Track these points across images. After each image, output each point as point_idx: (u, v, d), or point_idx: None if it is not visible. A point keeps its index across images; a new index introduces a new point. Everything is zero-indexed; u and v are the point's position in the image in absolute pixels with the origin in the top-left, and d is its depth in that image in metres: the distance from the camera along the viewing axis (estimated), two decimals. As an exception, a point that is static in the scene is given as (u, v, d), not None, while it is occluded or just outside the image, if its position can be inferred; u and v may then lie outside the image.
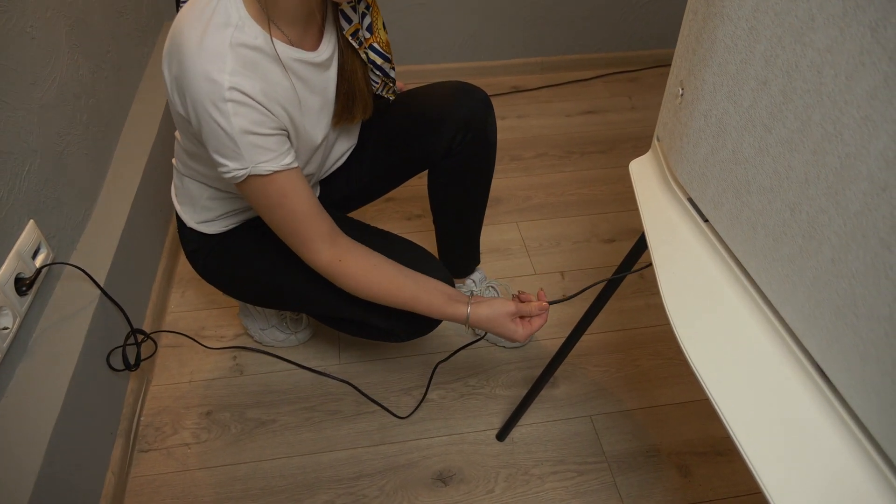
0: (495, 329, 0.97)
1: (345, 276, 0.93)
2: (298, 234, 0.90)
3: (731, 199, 0.64)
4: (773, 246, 0.57)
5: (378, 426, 1.24)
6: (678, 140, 0.74)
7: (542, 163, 1.92)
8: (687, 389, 1.32)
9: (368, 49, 0.96)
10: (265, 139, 0.82)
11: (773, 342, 0.59)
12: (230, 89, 0.77)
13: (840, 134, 0.48)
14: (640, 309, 1.48)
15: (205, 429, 1.24)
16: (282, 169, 0.84)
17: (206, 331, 1.41)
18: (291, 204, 0.87)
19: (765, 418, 0.56)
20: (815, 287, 0.52)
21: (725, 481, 1.17)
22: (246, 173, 0.82)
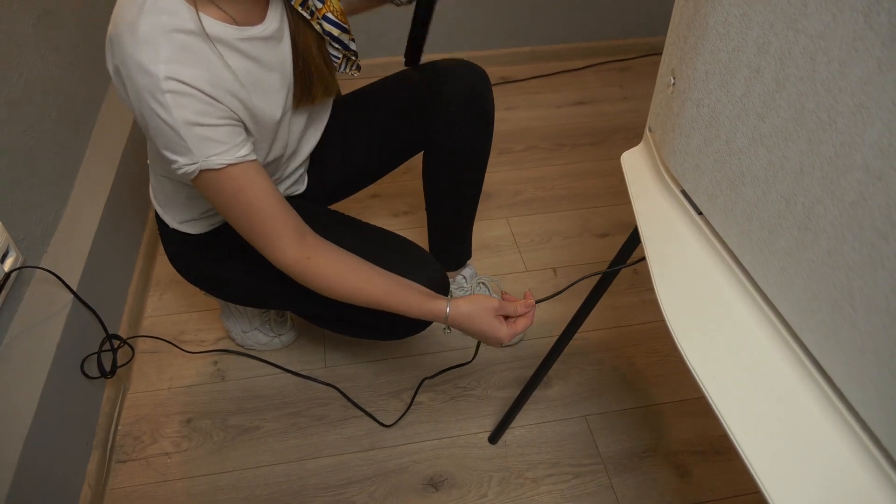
0: (477, 326, 0.93)
1: (314, 275, 0.90)
2: (261, 233, 0.87)
3: (726, 190, 0.64)
4: (769, 238, 0.58)
5: (366, 431, 1.24)
6: (670, 131, 0.74)
7: (531, 156, 1.92)
8: (683, 387, 1.33)
9: (322, 20, 0.92)
10: (213, 130, 0.79)
11: (770, 337, 0.60)
12: (167, 79, 0.74)
13: (834, 122, 0.48)
14: (635, 305, 1.49)
15: (185, 437, 1.23)
16: (236, 162, 0.82)
17: (186, 335, 1.41)
18: (248, 199, 0.84)
19: (762, 415, 0.56)
20: (811, 280, 0.53)
21: (725, 480, 1.18)
22: (197, 168, 0.80)
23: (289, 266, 0.90)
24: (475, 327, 0.94)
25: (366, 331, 1.09)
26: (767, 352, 0.60)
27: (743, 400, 0.58)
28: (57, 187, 1.23)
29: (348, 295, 0.92)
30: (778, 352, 0.59)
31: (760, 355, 0.60)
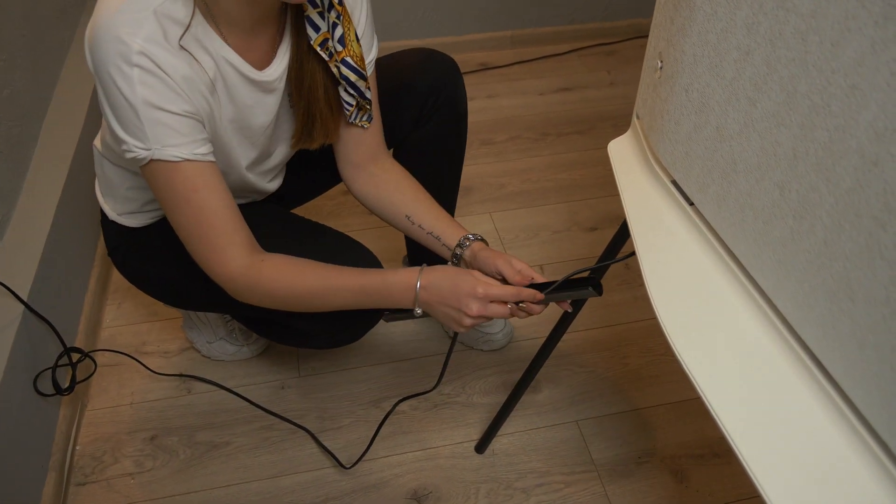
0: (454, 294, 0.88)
1: (267, 279, 0.88)
2: (208, 240, 0.86)
3: (717, 179, 0.65)
4: (763, 229, 0.58)
5: (345, 443, 1.24)
6: (659, 117, 0.75)
7: (515, 146, 1.93)
8: (680, 388, 1.34)
9: (340, 63, 0.93)
10: (175, 119, 0.78)
11: (767, 332, 0.61)
12: (140, 54, 0.74)
13: (828, 105, 0.49)
14: (627, 302, 1.50)
15: (149, 456, 1.22)
16: (193, 158, 0.81)
17: (148, 346, 1.39)
18: (202, 201, 0.83)
19: (761, 415, 0.57)
20: (808, 271, 0.54)
21: (724, 485, 1.19)
22: (149, 156, 0.79)
23: (236, 274, 0.88)
24: (450, 299, 0.89)
25: (298, 337, 1.08)
26: (765, 348, 0.60)
27: (740, 400, 0.58)
28: (3, 190, 1.21)
29: (303, 295, 0.90)
30: (776, 348, 0.59)
31: (758, 352, 0.60)
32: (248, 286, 0.89)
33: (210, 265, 0.88)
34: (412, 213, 1.04)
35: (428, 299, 0.89)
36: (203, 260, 0.88)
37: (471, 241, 0.99)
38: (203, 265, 0.88)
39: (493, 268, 0.94)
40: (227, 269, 0.87)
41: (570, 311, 0.96)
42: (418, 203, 1.05)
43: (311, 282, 0.90)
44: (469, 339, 1.39)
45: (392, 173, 1.07)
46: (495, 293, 0.87)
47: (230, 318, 1.31)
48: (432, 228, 1.03)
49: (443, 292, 0.89)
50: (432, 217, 1.04)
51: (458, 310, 0.88)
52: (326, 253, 0.97)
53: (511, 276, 0.91)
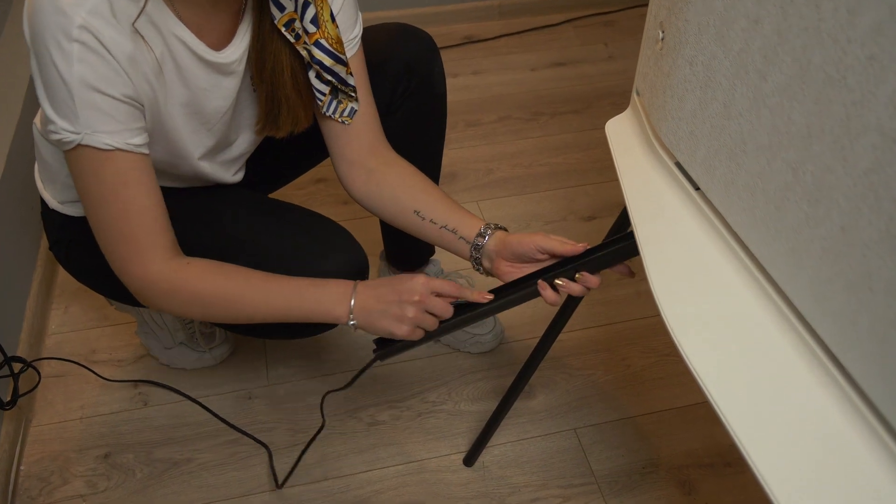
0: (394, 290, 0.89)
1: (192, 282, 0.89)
2: (132, 238, 0.86)
3: (725, 161, 0.65)
4: (775, 215, 0.59)
5: (320, 457, 1.24)
6: (660, 94, 0.75)
7: (504, 128, 1.93)
8: (686, 391, 1.34)
9: (312, 46, 0.92)
10: (111, 104, 0.79)
11: (781, 328, 0.61)
12: (82, 29, 0.74)
13: (844, 78, 0.49)
14: (628, 298, 1.51)
15: (103, 475, 1.21)
16: (126, 149, 0.81)
17: (99, 354, 1.38)
18: (131, 197, 0.84)
19: (775, 420, 0.57)
20: (824, 261, 0.54)
21: (736, 496, 1.20)
22: (77, 140, 0.79)
23: (153, 280, 0.88)
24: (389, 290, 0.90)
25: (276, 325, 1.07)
26: (778, 346, 0.60)
27: (752, 403, 0.59)
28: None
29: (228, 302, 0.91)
30: (790, 345, 0.60)
31: (771, 350, 0.61)
32: (169, 290, 0.89)
33: (127, 266, 0.88)
34: (421, 207, 1.03)
35: (365, 302, 0.90)
36: (120, 259, 0.88)
37: (493, 230, 0.98)
38: (118, 265, 0.89)
39: (532, 247, 0.92)
40: (147, 272, 0.88)
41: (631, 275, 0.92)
42: (427, 196, 1.04)
43: (238, 284, 0.91)
44: (455, 340, 1.39)
45: (395, 167, 1.06)
46: (437, 284, 0.90)
47: (189, 319, 1.30)
48: (446, 221, 1.02)
49: (380, 290, 0.90)
50: (445, 209, 1.02)
51: (399, 301, 0.88)
52: (307, 239, 0.98)
53: (558, 246, 0.90)
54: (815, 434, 0.55)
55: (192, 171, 1.01)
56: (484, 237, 0.98)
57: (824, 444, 0.54)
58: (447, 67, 2.09)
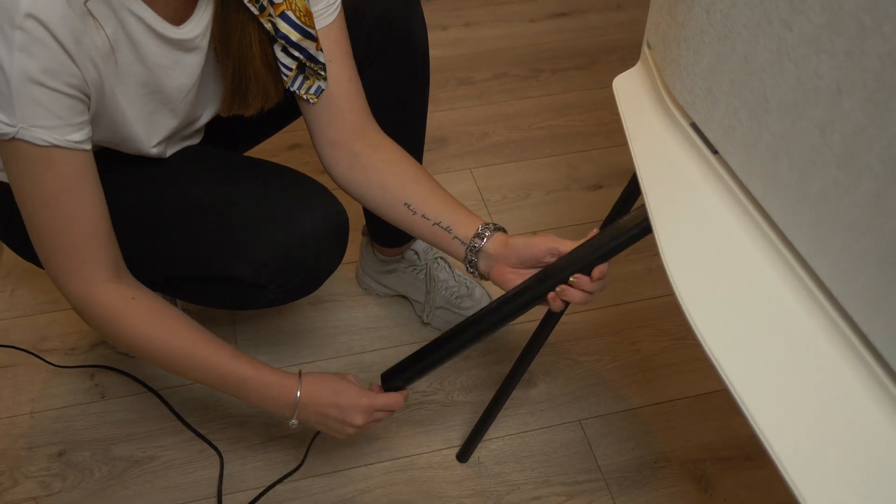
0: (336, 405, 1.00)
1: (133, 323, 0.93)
2: (72, 252, 0.88)
3: (746, 121, 0.65)
4: (801, 180, 0.59)
5: (297, 455, 1.24)
6: (674, 46, 0.75)
7: (500, 86, 1.92)
8: (703, 377, 1.35)
9: (278, 18, 0.92)
10: (54, 97, 0.79)
11: (806, 307, 0.61)
12: (27, 16, 0.73)
13: (879, 26, 0.49)
14: (639, 276, 1.51)
15: (57, 475, 1.21)
16: (65, 146, 0.81)
17: (50, 342, 1.38)
18: (72, 206, 0.85)
19: (800, 408, 0.57)
20: (854, 231, 0.54)
21: (757, 492, 1.21)
22: (12, 133, 0.79)
23: (93, 301, 0.91)
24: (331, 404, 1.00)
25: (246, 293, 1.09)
26: (804, 327, 0.61)
27: (776, 390, 0.59)
28: None
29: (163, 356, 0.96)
30: (817, 326, 0.60)
31: (795, 332, 0.61)
32: (109, 319, 0.93)
33: (65, 279, 0.90)
34: (412, 199, 1.03)
35: (307, 416, 1.01)
36: (57, 270, 0.90)
37: (492, 231, 1.00)
38: (55, 275, 0.90)
39: (543, 249, 0.95)
40: (87, 291, 0.90)
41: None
42: (419, 185, 1.04)
43: (181, 345, 0.96)
44: (448, 324, 1.39)
45: (382, 150, 1.06)
46: (381, 403, 1.02)
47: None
48: (440, 217, 1.02)
49: (323, 409, 1.00)
50: (438, 203, 1.03)
51: (342, 421, 1.00)
52: (281, 197, 0.99)
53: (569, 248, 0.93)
54: (845, 426, 0.55)
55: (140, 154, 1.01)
56: (482, 238, 0.99)
57: (854, 436, 0.55)
58: (435, 18, 2.09)
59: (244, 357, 0.99)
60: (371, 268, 1.43)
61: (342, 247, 1.07)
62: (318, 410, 1.00)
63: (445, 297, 1.38)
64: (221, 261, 1.01)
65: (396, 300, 1.46)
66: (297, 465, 1.22)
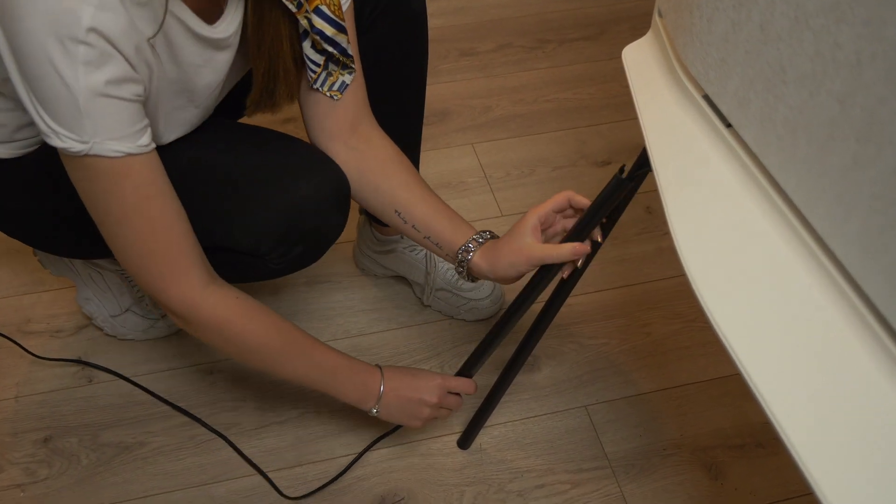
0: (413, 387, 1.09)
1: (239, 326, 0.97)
2: (166, 259, 0.90)
3: (762, 93, 0.64)
4: (819, 155, 0.58)
5: (293, 440, 1.25)
6: (686, 13, 0.74)
7: (504, 57, 1.91)
8: (715, 362, 1.35)
9: (313, 13, 0.93)
10: (122, 107, 0.80)
11: (824, 288, 0.61)
12: (90, 31, 0.74)
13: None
14: (649, 256, 1.51)
15: (43, 462, 1.22)
16: (137, 152, 0.83)
17: (34, 324, 1.38)
18: (156, 212, 0.87)
19: (817, 394, 0.57)
20: (875, 209, 0.54)
21: (769, 480, 1.22)
22: (85, 150, 0.80)
23: (195, 306, 0.94)
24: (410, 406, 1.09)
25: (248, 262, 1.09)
26: (822, 310, 0.60)
27: (792, 375, 0.59)
28: None
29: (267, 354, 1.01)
30: (836, 309, 0.60)
31: (813, 315, 0.61)
32: (216, 325, 0.96)
33: (166, 290, 0.93)
34: (402, 208, 1.07)
35: (388, 400, 1.08)
36: (154, 283, 0.93)
37: (479, 243, 1.03)
38: (153, 284, 0.93)
39: (523, 260, 0.99)
40: (186, 295, 0.93)
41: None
42: (409, 194, 1.07)
43: (283, 343, 1.01)
44: (449, 307, 1.40)
45: (377, 149, 1.08)
46: (454, 384, 1.11)
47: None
48: (428, 231, 1.06)
49: (402, 393, 1.08)
50: (427, 213, 1.06)
51: (419, 401, 1.08)
52: (280, 160, 1.01)
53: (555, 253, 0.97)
54: (864, 413, 0.55)
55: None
56: (469, 253, 1.03)
57: (873, 424, 0.54)
58: (436, -14, 2.07)
59: (333, 349, 1.06)
60: (369, 248, 1.43)
61: (344, 214, 1.08)
62: (399, 395, 1.08)
63: (446, 279, 1.38)
64: (221, 230, 1.02)
65: (395, 281, 1.46)
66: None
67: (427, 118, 1.69)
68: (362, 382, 1.06)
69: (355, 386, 1.06)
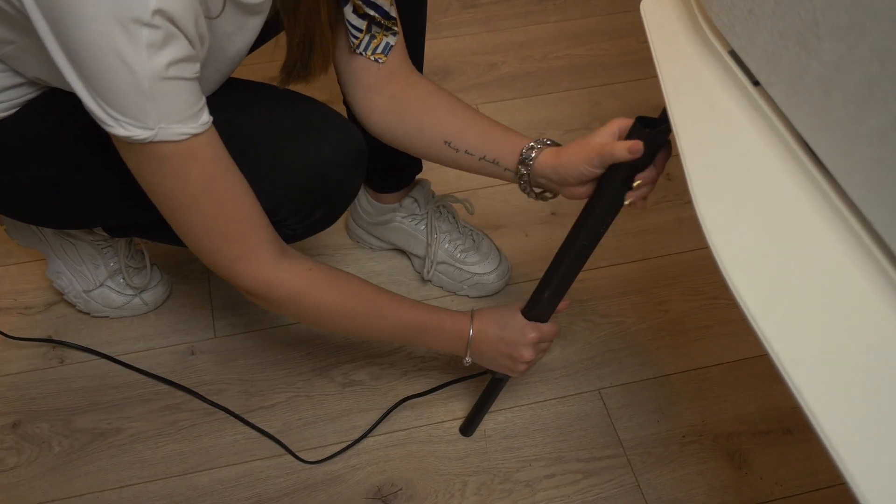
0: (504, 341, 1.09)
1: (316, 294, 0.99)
2: (238, 237, 0.92)
3: (793, 48, 0.64)
4: (856, 116, 0.58)
5: (282, 425, 1.25)
6: (712, -40, 0.73)
7: (511, 10, 1.89)
8: (739, 342, 1.35)
9: None
10: (185, 87, 0.81)
11: (860, 262, 0.61)
12: (156, 13, 0.74)
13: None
14: (668, 227, 1.51)
15: (11, 449, 1.23)
16: (201, 131, 0.84)
17: (2, 300, 1.39)
18: (223, 191, 0.89)
19: (852, 379, 0.57)
20: (917, 175, 0.53)
21: (797, 469, 1.22)
22: (150, 137, 0.80)
23: (271, 283, 0.96)
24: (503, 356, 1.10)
25: None
26: (857, 286, 0.60)
27: (823, 356, 0.59)
28: None
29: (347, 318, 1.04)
30: (873, 285, 0.60)
31: (847, 292, 0.60)
32: (294, 298, 0.98)
33: (236, 266, 0.95)
34: (451, 135, 1.08)
35: (480, 350, 1.10)
36: (225, 259, 0.94)
37: (539, 150, 1.02)
38: (224, 266, 0.95)
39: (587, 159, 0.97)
40: (267, 274, 0.96)
41: None
42: (456, 118, 1.08)
43: (364, 306, 1.04)
44: (451, 282, 1.40)
45: (415, 88, 1.10)
46: (547, 332, 1.10)
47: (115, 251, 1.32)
48: (483, 151, 1.07)
49: (491, 338, 1.09)
50: (478, 132, 1.07)
51: (512, 357, 1.09)
52: (297, 121, 1.04)
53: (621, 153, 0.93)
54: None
55: None
56: (533, 151, 1.02)
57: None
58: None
59: (418, 304, 1.09)
60: (364, 218, 1.43)
61: (362, 174, 1.11)
62: (490, 347, 1.09)
63: (449, 251, 1.37)
64: None
65: (393, 254, 1.46)
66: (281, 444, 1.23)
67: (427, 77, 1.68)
68: (451, 338, 1.09)
69: (444, 341, 1.10)
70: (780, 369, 0.58)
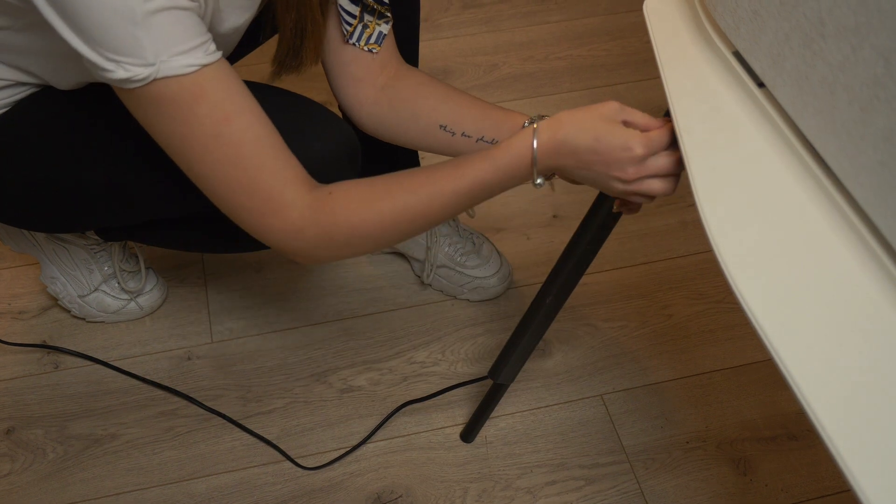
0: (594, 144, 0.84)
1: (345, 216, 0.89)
2: (259, 188, 0.86)
3: (798, 49, 0.64)
4: (861, 118, 0.58)
5: (280, 432, 1.25)
6: (716, -40, 0.73)
7: (511, 10, 1.89)
8: (743, 346, 1.35)
9: None
10: (182, 16, 0.78)
11: (866, 266, 0.61)
12: None
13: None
14: (672, 230, 1.51)
15: (6, 456, 1.23)
16: (210, 62, 0.80)
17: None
18: (239, 134, 0.83)
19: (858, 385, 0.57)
20: (923, 177, 0.53)
21: (802, 476, 1.22)
22: (152, 73, 0.77)
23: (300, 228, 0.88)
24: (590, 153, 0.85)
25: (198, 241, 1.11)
26: (863, 290, 0.60)
27: (829, 362, 0.59)
28: None
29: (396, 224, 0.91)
30: (879, 290, 0.60)
31: (853, 296, 0.61)
32: (323, 235, 0.89)
33: (262, 221, 0.88)
34: (447, 119, 1.05)
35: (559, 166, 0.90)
36: (249, 215, 0.88)
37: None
38: (249, 222, 0.89)
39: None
40: (288, 222, 0.88)
41: None
42: (450, 103, 1.06)
43: (405, 199, 0.90)
44: (451, 286, 1.40)
45: (407, 77, 1.08)
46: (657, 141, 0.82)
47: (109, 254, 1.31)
48: (480, 131, 1.04)
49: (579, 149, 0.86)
50: (476, 115, 1.05)
51: (607, 175, 0.85)
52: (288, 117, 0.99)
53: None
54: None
55: None
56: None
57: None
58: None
59: (467, 161, 0.90)
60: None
61: (356, 171, 1.08)
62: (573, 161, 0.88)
63: (448, 255, 1.38)
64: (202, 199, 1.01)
65: (392, 258, 1.46)
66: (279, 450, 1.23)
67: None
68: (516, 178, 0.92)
69: (512, 182, 0.92)
70: (785, 374, 0.58)
